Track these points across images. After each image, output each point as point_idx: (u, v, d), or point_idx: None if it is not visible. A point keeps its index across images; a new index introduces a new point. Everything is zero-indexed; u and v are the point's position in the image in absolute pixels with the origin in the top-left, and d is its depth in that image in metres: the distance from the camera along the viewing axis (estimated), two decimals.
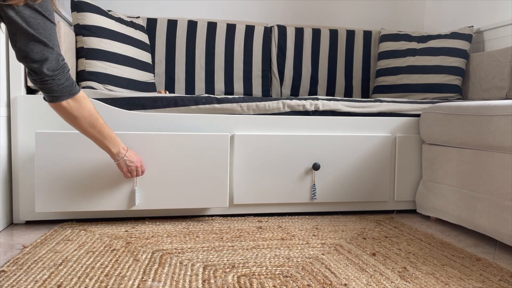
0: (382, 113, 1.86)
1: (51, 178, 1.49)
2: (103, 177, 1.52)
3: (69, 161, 1.49)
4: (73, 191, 1.50)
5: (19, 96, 1.55)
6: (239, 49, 2.43)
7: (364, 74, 2.59)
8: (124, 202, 1.55)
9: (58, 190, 1.49)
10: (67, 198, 1.50)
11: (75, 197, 1.51)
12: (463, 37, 2.28)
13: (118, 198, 1.54)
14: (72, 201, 1.51)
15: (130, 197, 1.55)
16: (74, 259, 1.22)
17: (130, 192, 1.55)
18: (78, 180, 1.50)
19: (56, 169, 1.49)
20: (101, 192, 1.53)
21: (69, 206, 1.51)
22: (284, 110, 1.77)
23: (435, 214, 1.73)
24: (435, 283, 1.10)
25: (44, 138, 1.47)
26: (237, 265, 1.20)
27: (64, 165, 1.49)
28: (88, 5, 1.89)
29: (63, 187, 1.50)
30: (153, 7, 2.51)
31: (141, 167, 1.47)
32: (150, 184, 1.56)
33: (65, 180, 1.50)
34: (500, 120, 1.39)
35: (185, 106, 1.69)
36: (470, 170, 1.54)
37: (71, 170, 1.50)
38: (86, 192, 1.52)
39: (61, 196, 1.50)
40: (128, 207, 1.55)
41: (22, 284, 1.04)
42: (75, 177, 1.50)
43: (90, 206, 1.53)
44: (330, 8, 2.74)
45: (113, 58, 1.93)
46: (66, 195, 1.50)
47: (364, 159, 1.80)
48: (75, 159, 1.49)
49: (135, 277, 1.10)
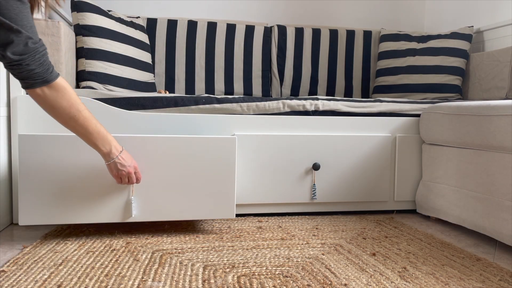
0: (382, 113, 1.86)
1: (36, 187, 1.34)
2: (95, 185, 1.37)
3: (57, 167, 1.35)
4: (62, 201, 1.36)
5: (19, 96, 1.55)
6: (239, 49, 2.43)
7: (364, 74, 2.59)
8: (119, 213, 1.40)
9: (44, 200, 1.35)
10: (55, 208, 1.35)
11: (64, 207, 1.36)
12: (463, 37, 2.28)
13: (112, 209, 1.39)
14: (61, 212, 1.36)
15: (126, 207, 1.40)
16: (74, 259, 1.22)
17: (126, 202, 1.40)
18: (67, 188, 1.36)
19: (42, 177, 1.34)
20: (93, 202, 1.38)
21: (57, 218, 1.36)
22: (284, 110, 1.77)
23: (435, 214, 1.73)
24: (435, 283, 1.10)
25: (28, 141, 1.33)
26: (237, 265, 1.20)
27: (52, 172, 1.35)
28: (88, 5, 1.89)
29: (51, 196, 1.35)
30: (153, 7, 2.51)
31: (135, 174, 1.32)
32: (148, 193, 1.41)
33: (53, 189, 1.35)
34: (500, 120, 1.38)
35: (185, 106, 1.69)
36: (470, 170, 1.54)
37: (59, 177, 1.35)
38: (76, 202, 1.37)
39: (48, 207, 1.35)
40: (124, 219, 1.41)
41: (22, 284, 1.04)
42: (64, 186, 1.36)
43: (81, 217, 1.38)
44: (330, 8, 2.74)
45: (113, 58, 1.93)
46: (54, 205, 1.35)
47: (364, 159, 1.81)
48: (63, 165, 1.35)
49: (135, 277, 1.10)
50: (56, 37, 1.62)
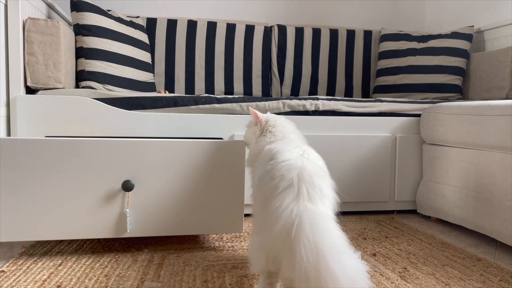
0: (383, 113, 1.85)
1: (19, 198, 1.18)
2: (85, 195, 1.21)
3: (42, 175, 1.19)
4: (48, 214, 1.20)
5: (18, 96, 1.55)
6: (239, 49, 2.43)
7: (364, 74, 2.59)
8: (111, 228, 1.23)
9: (28, 212, 1.19)
10: (39, 222, 1.20)
11: (50, 221, 1.20)
12: (464, 36, 2.27)
13: (104, 223, 1.23)
14: (46, 227, 1.20)
15: (120, 221, 1.24)
16: (74, 259, 1.22)
17: (120, 216, 1.24)
18: (54, 199, 1.20)
19: (25, 186, 1.18)
20: (83, 215, 1.22)
21: (42, 233, 1.20)
22: (284, 110, 1.76)
23: (436, 214, 1.73)
24: (436, 284, 1.10)
25: (9, 146, 1.17)
26: (237, 265, 1.19)
27: (35, 180, 1.19)
28: (87, 5, 1.88)
29: (35, 208, 1.19)
30: (153, 7, 2.51)
31: None
32: (145, 206, 1.25)
33: (37, 200, 1.19)
34: (501, 120, 1.38)
35: (185, 106, 1.69)
36: (471, 170, 1.54)
37: (45, 186, 1.19)
38: (64, 215, 1.21)
39: (32, 220, 1.19)
40: (117, 235, 1.24)
41: (22, 284, 1.04)
42: (51, 196, 1.20)
43: (69, 233, 1.21)
44: (330, 8, 2.73)
45: (113, 58, 1.93)
46: (38, 219, 1.19)
47: (365, 159, 1.80)
48: (49, 173, 1.19)
49: (134, 277, 1.09)
50: (56, 37, 1.62)
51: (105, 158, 1.23)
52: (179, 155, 1.27)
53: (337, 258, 0.71)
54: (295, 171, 0.83)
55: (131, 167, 1.24)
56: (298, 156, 0.88)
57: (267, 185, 0.85)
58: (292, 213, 0.77)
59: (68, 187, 1.21)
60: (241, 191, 1.31)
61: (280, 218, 0.78)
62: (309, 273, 0.69)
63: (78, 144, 1.21)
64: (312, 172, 0.84)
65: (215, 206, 1.30)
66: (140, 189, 1.25)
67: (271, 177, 0.85)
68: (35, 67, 1.61)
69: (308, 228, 0.74)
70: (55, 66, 1.63)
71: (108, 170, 1.23)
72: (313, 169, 0.85)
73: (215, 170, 1.29)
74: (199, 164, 1.28)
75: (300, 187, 0.81)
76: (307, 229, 0.74)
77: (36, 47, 1.60)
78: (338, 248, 0.74)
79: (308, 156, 0.90)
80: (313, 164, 0.87)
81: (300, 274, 0.70)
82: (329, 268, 0.70)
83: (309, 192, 0.81)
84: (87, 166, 1.22)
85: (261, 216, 0.88)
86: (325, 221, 0.78)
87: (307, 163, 0.86)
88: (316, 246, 0.72)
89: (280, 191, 0.81)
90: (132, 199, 1.25)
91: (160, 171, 1.26)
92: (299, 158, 0.87)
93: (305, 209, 0.78)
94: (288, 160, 0.86)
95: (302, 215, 0.77)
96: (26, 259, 1.21)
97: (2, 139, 1.17)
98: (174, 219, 1.28)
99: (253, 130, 1.13)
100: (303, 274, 0.70)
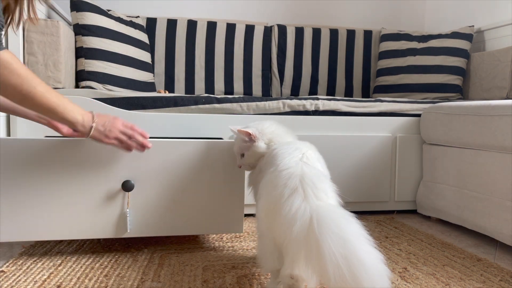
0: (383, 113, 1.85)
1: (17, 198, 1.17)
2: (85, 195, 1.20)
3: (41, 175, 1.17)
4: (48, 214, 1.19)
5: None
6: (239, 48, 2.43)
7: (364, 74, 2.59)
8: (111, 228, 1.22)
9: (27, 212, 1.18)
10: (39, 222, 1.18)
11: (49, 221, 1.19)
12: (464, 36, 2.27)
13: (104, 223, 1.22)
14: (46, 227, 1.19)
15: (120, 221, 1.23)
16: (74, 259, 1.22)
17: (120, 216, 1.23)
18: (54, 199, 1.19)
19: (25, 186, 1.17)
20: (83, 215, 1.21)
21: (41, 233, 1.19)
22: (284, 110, 1.76)
23: (436, 215, 1.73)
24: (436, 284, 1.09)
25: (9, 146, 1.16)
26: (237, 265, 1.19)
27: (35, 180, 1.17)
28: (87, 5, 1.88)
29: (35, 208, 1.18)
30: (153, 7, 2.51)
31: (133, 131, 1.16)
32: (145, 206, 1.25)
33: (37, 200, 1.18)
34: (501, 120, 1.38)
35: (184, 106, 1.69)
36: (471, 170, 1.53)
37: (44, 186, 1.18)
38: (64, 215, 1.20)
39: (32, 220, 1.18)
40: (117, 235, 1.23)
41: (22, 284, 1.04)
42: (51, 196, 1.19)
43: (69, 233, 1.20)
44: (330, 8, 2.73)
45: (113, 57, 1.93)
46: (38, 219, 1.18)
47: (365, 159, 1.80)
48: (49, 173, 1.18)
49: (134, 277, 1.09)
50: (56, 37, 1.62)
51: (105, 158, 1.22)
52: (179, 155, 1.26)
53: (361, 246, 0.75)
54: (296, 178, 0.85)
55: (131, 167, 1.23)
56: (297, 161, 0.90)
57: (271, 194, 0.87)
58: (306, 211, 0.79)
59: (68, 187, 1.20)
60: (241, 191, 1.31)
61: (295, 219, 0.78)
62: (339, 261, 0.71)
63: (78, 144, 1.20)
64: (313, 176, 0.85)
65: (215, 206, 1.29)
66: (140, 189, 1.24)
67: (274, 186, 0.86)
68: (35, 67, 1.60)
69: (329, 220, 0.77)
70: (55, 66, 1.63)
71: (108, 170, 1.22)
72: (314, 174, 0.87)
73: (215, 170, 1.29)
74: (199, 164, 1.28)
75: (306, 189, 0.83)
76: (328, 221, 0.76)
77: (36, 47, 1.60)
78: (360, 236, 0.78)
79: (307, 160, 0.91)
80: (313, 169, 0.88)
81: (331, 264, 0.71)
82: (357, 256, 0.72)
83: (314, 193, 0.83)
84: (87, 166, 1.21)
85: (266, 220, 0.89)
86: (341, 212, 0.81)
87: (306, 169, 0.87)
88: (342, 236, 0.74)
89: (286, 198, 0.82)
90: (132, 199, 1.24)
91: (160, 171, 1.25)
92: (298, 164, 0.89)
93: (317, 206, 0.80)
94: (288, 169, 0.87)
95: (318, 210, 0.79)
96: (26, 259, 1.21)
97: (2, 139, 1.16)
98: (174, 219, 1.27)
99: (248, 146, 1.09)
100: (335, 265, 0.71)
